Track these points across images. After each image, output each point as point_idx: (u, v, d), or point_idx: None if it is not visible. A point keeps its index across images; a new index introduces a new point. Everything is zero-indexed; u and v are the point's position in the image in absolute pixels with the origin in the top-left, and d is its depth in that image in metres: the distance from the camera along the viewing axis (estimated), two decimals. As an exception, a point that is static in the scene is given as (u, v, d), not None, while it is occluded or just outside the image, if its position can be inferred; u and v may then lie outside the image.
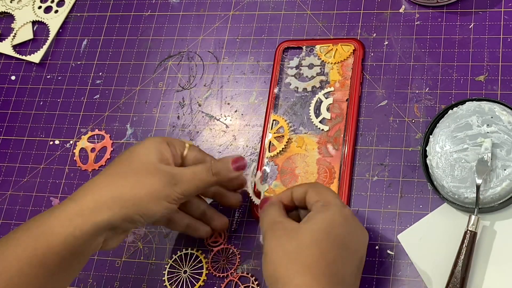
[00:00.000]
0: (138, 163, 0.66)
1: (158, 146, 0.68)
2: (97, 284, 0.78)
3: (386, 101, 0.79)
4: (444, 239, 0.70)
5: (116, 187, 0.63)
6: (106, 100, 0.88)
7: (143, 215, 0.65)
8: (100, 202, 0.62)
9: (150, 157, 0.66)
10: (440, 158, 0.71)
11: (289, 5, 0.87)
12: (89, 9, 0.95)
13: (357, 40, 0.82)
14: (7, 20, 0.98)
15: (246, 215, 0.77)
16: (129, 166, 0.65)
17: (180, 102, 0.86)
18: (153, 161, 0.66)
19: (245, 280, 0.74)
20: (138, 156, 0.66)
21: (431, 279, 0.69)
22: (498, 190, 0.68)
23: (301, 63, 0.83)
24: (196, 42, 0.89)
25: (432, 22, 0.81)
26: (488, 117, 0.71)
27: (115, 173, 0.65)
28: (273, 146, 0.80)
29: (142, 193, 0.64)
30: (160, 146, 0.68)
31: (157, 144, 0.68)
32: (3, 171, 0.88)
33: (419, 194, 0.74)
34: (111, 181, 0.64)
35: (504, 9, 0.79)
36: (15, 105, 0.92)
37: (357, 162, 0.77)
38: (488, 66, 0.77)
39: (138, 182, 0.64)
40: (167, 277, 0.76)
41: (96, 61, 0.91)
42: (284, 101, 0.82)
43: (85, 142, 0.87)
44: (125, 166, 0.66)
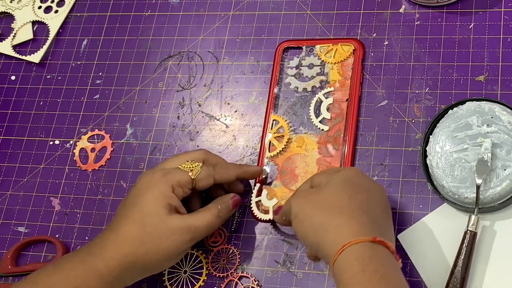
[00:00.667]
0: (150, 226, 0.69)
1: (166, 197, 0.70)
2: (97, 284, 0.78)
3: (386, 101, 0.79)
4: (444, 239, 0.70)
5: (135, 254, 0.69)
6: (106, 100, 0.88)
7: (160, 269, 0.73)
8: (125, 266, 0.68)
9: (160, 214, 0.69)
10: (440, 158, 0.71)
11: (289, 5, 0.87)
12: (89, 9, 0.95)
13: (357, 40, 0.82)
14: (7, 20, 0.98)
15: (246, 215, 0.77)
16: (142, 230, 0.69)
17: (180, 102, 0.86)
18: (164, 219, 0.69)
19: (245, 280, 0.74)
20: (149, 217, 0.69)
21: (431, 279, 0.69)
22: (498, 190, 0.68)
23: (301, 63, 0.83)
24: (196, 42, 0.89)
25: (432, 22, 0.81)
26: (488, 117, 0.71)
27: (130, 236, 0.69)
28: (273, 146, 0.80)
29: (159, 257, 0.69)
30: (168, 196, 0.70)
31: (164, 196, 0.70)
32: (3, 171, 0.88)
33: (419, 194, 0.73)
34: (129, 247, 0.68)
35: (504, 9, 0.79)
36: (15, 105, 0.92)
37: (357, 162, 0.77)
38: (488, 66, 0.77)
39: (155, 248, 0.69)
40: (167, 277, 0.76)
41: (96, 61, 0.91)
42: (284, 101, 0.82)
43: (85, 142, 0.87)
44: (137, 228, 0.69)
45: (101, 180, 0.84)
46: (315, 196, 0.66)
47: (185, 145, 0.83)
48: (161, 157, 0.83)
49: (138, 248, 0.68)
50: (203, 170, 0.72)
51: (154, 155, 0.83)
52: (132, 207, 0.70)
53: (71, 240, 0.81)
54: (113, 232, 0.70)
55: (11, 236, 0.84)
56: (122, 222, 0.70)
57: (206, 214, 0.71)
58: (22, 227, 0.84)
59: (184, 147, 0.83)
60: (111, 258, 0.68)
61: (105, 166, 0.85)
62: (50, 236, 0.82)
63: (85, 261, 0.68)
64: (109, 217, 0.81)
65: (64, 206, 0.84)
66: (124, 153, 0.85)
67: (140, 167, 0.83)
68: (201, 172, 0.72)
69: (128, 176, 0.83)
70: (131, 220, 0.69)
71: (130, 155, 0.84)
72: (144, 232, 0.69)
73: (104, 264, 0.68)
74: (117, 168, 0.84)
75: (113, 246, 0.68)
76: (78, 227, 0.82)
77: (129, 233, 0.69)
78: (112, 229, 0.70)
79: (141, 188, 0.71)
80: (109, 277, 0.68)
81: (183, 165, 0.72)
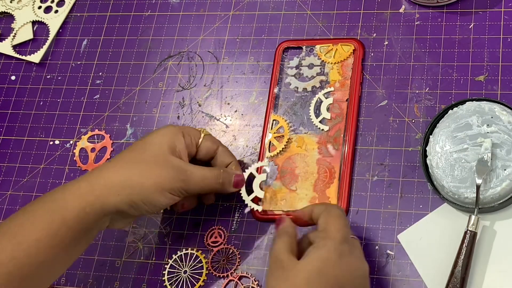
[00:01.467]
0: (150, 153, 0.69)
1: (173, 138, 0.71)
2: (97, 284, 0.78)
3: (386, 101, 0.79)
4: (444, 239, 0.70)
5: (126, 174, 0.67)
6: (106, 100, 0.88)
7: (147, 203, 0.68)
8: (109, 186, 0.66)
9: (162, 148, 0.69)
10: (440, 158, 0.71)
11: (289, 5, 0.87)
12: (89, 9, 0.95)
13: (357, 40, 0.82)
14: (7, 20, 0.98)
15: (246, 215, 0.77)
16: (141, 155, 0.69)
17: (180, 102, 0.86)
18: (164, 152, 0.69)
19: (245, 280, 0.74)
20: (151, 146, 0.70)
21: (431, 279, 0.69)
22: (498, 190, 0.68)
23: (301, 63, 0.83)
24: (196, 42, 0.89)
25: (432, 22, 0.81)
26: (488, 117, 0.71)
27: (127, 160, 0.69)
28: (273, 146, 0.80)
29: (148, 183, 0.67)
30: (175, 138, 0.71)
31: (172, 136, 0.71)
32: (3, 171, 0.88)
33: (419, 194, 0.73)
34: (122, 167, 0.68)
35: (504, 9, 0.79)
36: (15, 105, 0.92)
37: (357, 162, 0.77)
38: (488, 66, 0.77)
39: (146, 171, 0.68)
40: (167, 277, 0.76)
41: (96, 61, 0.91)
42: (284, 101, 0.82)
43: (85, 142, 0.87)
44: (137, 154, 0.69)
45: (101, 180, 0.84)
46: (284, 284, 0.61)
47: (185, 145, 0.83)
48: (161, 157, 0.83)
49: (131, 168, 0.67)
50: (211, 136, 0.75)
51: (154, 155, 0.84)
52: (137, 141, 0.71)
53: (71, 240, 0.81)
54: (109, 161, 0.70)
55: (11, 236, 0.84)
56: (122, 152, 0.71)
57: (206, 170, 0.71)
58: (22, 227, 0.84)
59: (184, 147, 0.83)
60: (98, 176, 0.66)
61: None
62: (50, 236, 0.82)
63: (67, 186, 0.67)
64: (109, 217, 0.81)
65: (64, 206, 0.84)
66: (124, 153, 0.85)
67: (140, 167, 0.83)
68: (210, 136, 0.75)
69: (128, 176, 0.83)
70: (133, 148, 0.70)
71: (130, 155, 0.84)
72: (142, 156, 0.68)
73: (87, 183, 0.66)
74: (117, 168, 0.84)
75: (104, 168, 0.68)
76: (78, 227, 0.82)
77: (127, 157, 0.69)
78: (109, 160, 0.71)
79: (152, 131, 0.72)
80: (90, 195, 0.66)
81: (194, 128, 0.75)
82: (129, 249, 0.79)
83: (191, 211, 0.78)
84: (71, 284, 0.79)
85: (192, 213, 0.79)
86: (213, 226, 0.78)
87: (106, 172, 0.68)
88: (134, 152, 0.70)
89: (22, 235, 0.64)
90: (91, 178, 0.67)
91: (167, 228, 0.78)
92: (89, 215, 0.66)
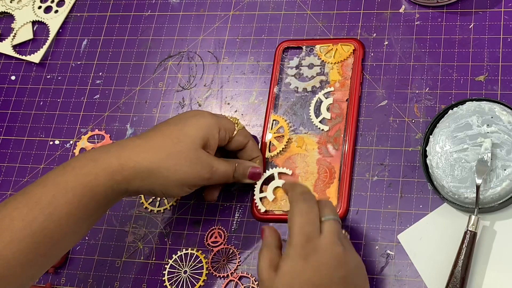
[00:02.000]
0: (183, 145, 0.69)
1: (209, 132, 0.71)
2: (97, 284, 0.78)
3: (386, 101, 0.79)
4: (444, 239, 0.70)
5: (155, 163, 0.68)
6: (106, 100, 0.88)
7: (165, 193, 0.71)
8: (137, 171, 0.68)
9: (196, 142, 0.70)
10: (440, 158, 0.71)
11: (289, 5, 0.87)
12: (89, 9, 0.95)
13: (357, 40, 0.82)
14: (7, 20, 0.98)
15: (246, 215, 0.77)
16: (174, 146, 0.69)
17: (180, 102, 0.86)
18: (196, 148, 0.70)
19: (245, 280, 0.74)
20: (186, 138, 0.70)
21: (431, 279, 0.69)
22: (498, 190, 0.68)
23: (301, 63, 0.83)
24: (196, 42, 0.89)
25: (432, 22, 0.81)
26: (488, 117, 0.71)
27: (160, 146, 0.69)
28: (273, 146, 0.80)
29: (173, 177, 0.69)
30: (210, 132, 0.72)
31: (208, 130, 0.71)
32: (3, 171, 0.88)
33: (419, 194, 0.73)
34: (154, 154, 0.69)
35: (504, 9, 0.79)
36: (15, 105, 0.92)
37: (357, 162, 0.77)
38: (488, 66, 0.77)
39: (175, 166, 0.69)
40: (167, 277, 0.76)
41: (96, 61, 0.91)
42: (284, 101, 0.82)
43: (85, 142, 0.87)
44: (171, 144, 0.69)
45: (101, 180, 0.84)
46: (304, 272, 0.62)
47: (185, 145, 0.83)
48: (161, 157, 0.83)
49: (161, 159, 0.68)
50: (244, 129, 0.76)
51: (154, 155, 0.83)
52: (173, 125, 0.71)
53: (71, 240, 0.81)
54: (142, 138, 0.70)
55: (11, 236, 0.84)
56: (156, 133, 0.70)
57: (226, 164, 0.73)
58: (22, 227, 0.84)
59: (184, 147, 0.83)
60: (129, 158, 0.68)
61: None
62: (50, 236, 0.82)
63: (98, 159, 0.68)
64: (109, 217, 0.81)
65: (64, 206, 0.84)
66: (124, 153, 0.85)
67: (140, 167, 0.83)
68: (243, 129, 0.76)
69: (128, 176, 0.83)
70: (168, 133, 0.70)
71: (130, 155, 0.84)
72: (175, 147, 0.69)
73: (118, 162, 0.67)
74: (117, 168, 0.84)
75: (136, 148, 0.68)
76: (78, 227, 0.82)
77: (160, 142, 0.69)
78: (141, 137, 0.70)
79: (189, 115, 0.72)
80: (119, 175, 0.67)
81: (229, 116, 0.76)
82: (129, 249, 0.79)
83: (191, 211, 0.78)
84: (71, 284, 0.79)
85: (192, 213, 0.79)
86: (213, 226, 0.78)
87: (137, 155, 0.68)
88: (168, 139, 0.69)
89: (54, 207, 0.65)
90: (121, 157, 0.68)
91: (167, 228, 0.79)
92: (115, 192, 0.68)
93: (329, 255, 0.62)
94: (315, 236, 0.63)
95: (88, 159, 0.68)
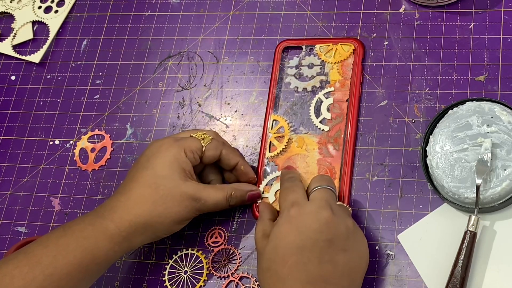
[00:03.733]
0: (164, 188, 0.70)
1: (179, 160, 0.71)
2: (97, 284, 0.78)
3: (386, 101, 0.79)
4: (444, 239, 0.70)
5: (147, 215, 0.70)
6: (106, 100, 0.88)
7: (167, 233, 0.73)
8: (134, 228, 0.69)
9: (174, 178, 0.70)
10: (440, 158, 0.71)
11: (289, 5, 0.87)
12: (89, 9, 0.95)
13: (357, 40, 0.82)
14: (7, 20, 0.98)
15: (246, 215, 0.77)
16: (156, 192, 0.70)
17: (180, 102, 0.86)
18: (177, 184, 0.70)
19: (246, 280, 0.74)
20: (162, 179, 0.70)
21: (431, 279, 0.69)
22: (498, 190, 0.68)
23: (301, 63, 0.83)
24: (196, 42, 0.89)
25: (432, 22, 0.81)
26: (488, 117, 0.71)
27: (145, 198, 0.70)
28: (273, 146, 0.80)
29: (168, 221, 0.71)
30: (180, 160, 0.71)
31: (177, 159, 0.71)
32: (3, 171, 0.88)
33: (419, 194, 0.74)
34: (142, 207, 0.70)
35: (504, 9, 0.79)
36: (15, 105, 0.92)
37: (357, 162, 0.77)
38: (488, 66, 0.77)
39: (165, 210, 0.70)
40: (167, 277, 0.76)
41: (96, 61, 0.91)
42: (284, 101, 0.82)
43: (85, 142, 0.87)
44: (152, 192, 0.70)
45: (101, 180, 0.84)
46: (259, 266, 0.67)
47: (185, 145, 0.83)
48: (161, 157, 0.83)
49: (150, 210, 0.69)
50: (213, 141, 0.74)
51: (154, 155, 0.84)
52: (144, 170, 0.71)
53: (71, 240, 0.81)
54: (124, 194, 0.70)
55: (11, 236, 0.84)
56: (133, 185, 0.70)
57: (218, 194, 0.72)
58: (22, 227, 0.84)
59: (184, 147, 0.83)
60: (122, 218, 0.69)
61: (105, 166, 0.85)
62: (50, 236, 0.82)
63: (95, 223, 0.69)
64: (109, 217, 0.81)
65: (64, 206, 0.84)
66: (124, 153, 0.85)
67: (140, 167, 0.83)
68: (212, 142, 0.74)
69: (128, 176, 0.83)
70: (144, 182, 0.70)
71: (130, 155, 0.84)
72: (157, 194, 0.69)
73: (114, 225, 0.68)
74: (117, 168, 0.84)
75: (124, 208, 0.69)
76: (78, 227, 0.82)
77: (142, 194, 0.70)
78: (123, 192, 0.71)
79: (152, 152, 0.72)
80: (119, 237, 0.69)
81: (194, 134, 0.75)
82: (129, 249, 0.79)
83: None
84: (71, 284, 0.79)
85: (192, 213, 0.79)
86: (214, 226, 0.78)
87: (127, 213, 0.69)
88: (148, 188, 0.70)
89: (54, 267, 0.66)
90: (115, 219, 0.69)
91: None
92: (117, 253, 0.69)
93: (314, 218, 0.65)
94: (301, 203, 0.67)
95: (86, 223, 0.69)
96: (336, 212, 0.66)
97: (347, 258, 0.65)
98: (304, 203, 0.67)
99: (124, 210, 0.69)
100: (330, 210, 0.66)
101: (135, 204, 0.69)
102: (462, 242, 0.67)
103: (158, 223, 0.70)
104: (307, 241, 0.64)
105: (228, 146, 0.77)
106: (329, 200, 0.67)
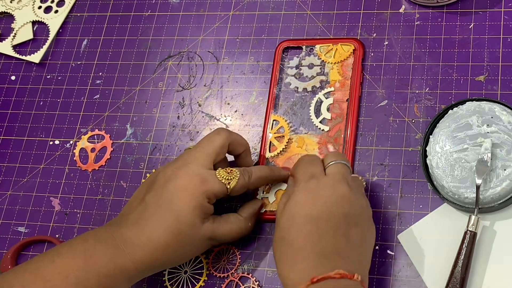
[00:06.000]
0: (186, 235, 0.69)
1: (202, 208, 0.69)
2: (97, 284, 0.78)
3: (386, 101, 0.79)
4: (444, 239, 0.70)
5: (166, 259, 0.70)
6: (106, 100, 0.88)
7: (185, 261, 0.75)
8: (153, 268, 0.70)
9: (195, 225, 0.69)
10: (440, 158, 0.71)
11: (289, 5, 0.87)
12: (89, 9, 0.95)
13: (357, 40, 0.82)
14: (7, 20, 0.98)
15: (246, 215, 0.77)
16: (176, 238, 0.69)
17: (180, 102, 0.86)
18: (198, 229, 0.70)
19: (246, 280, 0.74)
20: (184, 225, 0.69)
21: (431, 279, 0.69)
22: (498, 190, 0.68)
23: (301, 63, 0.83)
24: (196, 42, 0.89)
25: (432, 22, 0.81)
26: (488, 117, 0.71)
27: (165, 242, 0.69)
28: (273, 146, 0.80)
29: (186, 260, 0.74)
30: (203, 207, 0.69)
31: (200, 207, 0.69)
32: (3, 171, 0.88)
33: (419, 194, 0.74)
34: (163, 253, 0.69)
35: (504, 9, 0.79)
36: (15, 105, 0.92)
37: (357, 162, 0.77)
38: (488, 66, 0.77)
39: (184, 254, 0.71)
40: (167, 277, 0.76)
41: (96, 61, 0.91)
42: (284, 101, 0.82)
43: (85, 142, 0.87)
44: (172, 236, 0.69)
45: (101, 180, 0.84)
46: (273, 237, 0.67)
47: (185, 145, 0.83)
48: (161, 157, 0.83)
49: (169, 255, 0.69)
50: (239, 181, 0.71)
51: (154, 155, 0.84)
52: (168, 212, 0.69)
53: (71, 240, 0.81)
54: (144, 233, 0.69)
55: (11, 236, 0.84)
56: (155, 225, 0.69)
57: (232, 229, 0.72)
58: (22, 227, 0.84)
59: (184, 147, 0.83)
60: (143, 262, 0.68)
61: (105, 166, 0.85)
62: (50, 236, 0.82)
63: (117, 261, 0.68)
64: (109, 217, 0.81)
65: (64, 206, 0.84)
66: (124, 153, 0.85)
67: (140, 167, 0.83)
68: (238, 184, 0.71)
69: (128, 176, 0.83)
70: (166, 226, 0.68)
71: (130, 155, 0.84)
72: (178, 240, 0.69)
73: (134, 266, 0.68)
74: (117, 168, 0.84)
75: (146, 249, 0.68)
76: (78, 227, 0.82)
77: (164, 240, 0.68)
78: (144, 230, 0.69)
79: (178, 191, 0.69)
80: (136, 276, 0.70)
81: (220, 173, 0.71)
82: (129, 249, 0.79)
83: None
84: (71, 284, 0.79)
85: (192, 213, 0.79)
86: (213, 226, 0.78)
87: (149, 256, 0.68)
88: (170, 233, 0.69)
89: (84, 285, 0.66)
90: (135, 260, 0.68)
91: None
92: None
93: (331, 191, 0.66)
94: (319, 176, 0.68)
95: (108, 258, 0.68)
96: (353, 187, 0.67)
97: (359, 234, 0.65)
98: (322, 176, 0.68)
99: (144, 252, 0.68)
100: (347, 185, 0.67)
101: (156, 249, 0.68)
102: (462, 242, 0.67)
103: (174, 263, 0.72)
104: (323, 213, 0.64)
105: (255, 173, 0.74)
106: (346, 175, 0.68)
